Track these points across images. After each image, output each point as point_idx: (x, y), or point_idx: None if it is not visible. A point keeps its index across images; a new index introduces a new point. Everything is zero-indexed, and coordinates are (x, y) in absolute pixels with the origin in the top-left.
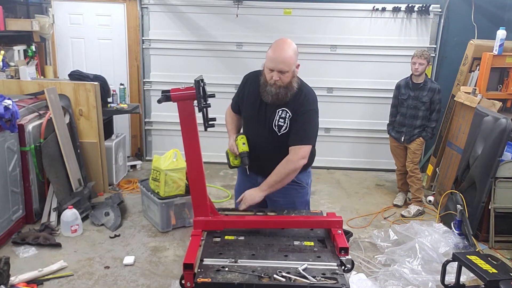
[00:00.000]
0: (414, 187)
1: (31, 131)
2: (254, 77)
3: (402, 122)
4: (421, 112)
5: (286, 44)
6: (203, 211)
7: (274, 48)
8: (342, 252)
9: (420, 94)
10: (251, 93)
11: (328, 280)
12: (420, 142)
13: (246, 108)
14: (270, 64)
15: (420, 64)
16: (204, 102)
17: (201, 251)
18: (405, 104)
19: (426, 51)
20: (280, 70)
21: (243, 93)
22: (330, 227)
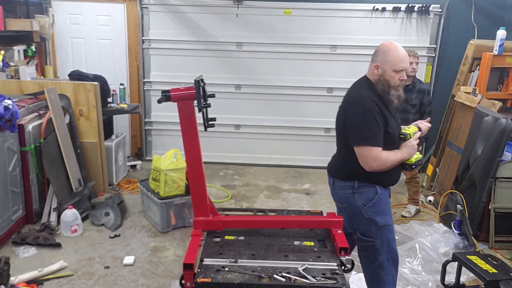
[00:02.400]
0: (413, 189)
1: (31, 131)
2: (371, 97)
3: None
4: (411, 115)
5: (399, 44)
6: (203, 211)
7: (396, 49)
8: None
9: (409, 96)
10: (386, 112)
11: (328, 280)
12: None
13: (392, 126)
14: (400, 64)
15: (416, 64)
16: (204, 102)
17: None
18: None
19: (415, 51)
20: (407, 68)
21: (384, 116)
22: (330, 227)
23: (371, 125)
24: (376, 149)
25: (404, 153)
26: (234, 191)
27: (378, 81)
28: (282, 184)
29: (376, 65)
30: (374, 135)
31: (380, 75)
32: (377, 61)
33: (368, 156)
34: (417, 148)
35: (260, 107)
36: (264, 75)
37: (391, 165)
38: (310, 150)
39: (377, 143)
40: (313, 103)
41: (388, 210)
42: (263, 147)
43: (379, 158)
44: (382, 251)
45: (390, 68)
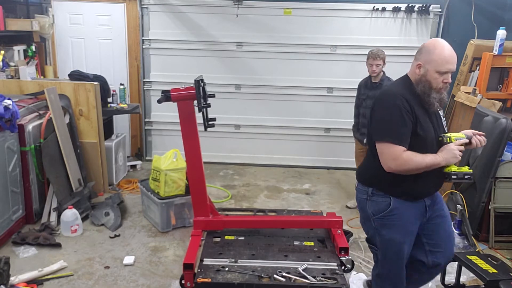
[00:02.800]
0: None
1: (31, 131)
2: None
3: (363, 123)
4: None
5: (446, 43)
6: (203, 211)
7: (442, 49)
8: (342, 252)
9: (375, 93)
10: (420, 112)
11: (328, 280)
12: None
13: (426, 129)
14: (446, 66)
15: (377, 66)
16: (204, 102)
17: (201, 251)
18: (363, 104)
19: (381, 51)
20: (453, 70)
21: (415, 116)
22: (330, 227)
23: (396, 122)
24: (397, 147)
25: (438, 158)
26: (234, 191)
27: (419, 81)
28: (282, 184)
29: (419, 64)
30: (397, 133)
31: (422, 75)
32: (420, 59)
33: (387, 154)
34: (458, 156)
35: (260, 107)
36: (264, 75)
37: (415, 168)
38: (310, 150)
39: (399, 141)
40: (313, 103)
41: (402, 227)
42: (263, 147)
43: (399, 158)
44: (381, 264)
45: (433, 68)
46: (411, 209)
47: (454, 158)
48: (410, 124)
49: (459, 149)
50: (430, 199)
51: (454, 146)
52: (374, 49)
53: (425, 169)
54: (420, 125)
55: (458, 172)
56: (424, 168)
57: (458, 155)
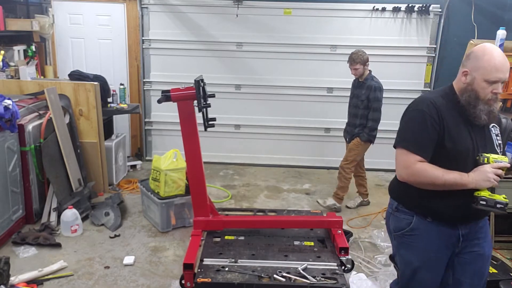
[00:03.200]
0: (339, 184)
1: (31, 131)
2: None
3: (348, 121)
4: (360, 111)
5: (498, 48)
6: (203, 211)
7: (491, 55)
8: (342, 252)
9: (360, 92)
10: (455, 123)
11: (328, 280)
12: (357, 142)
13: (457, 142)
14: (496, 74)
15: (355, 70)
16: (204, 102)
17: (201, 251)
18: (351, 103)
19: (359, 54)
20: (505, 79)
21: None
22: (330, 227)
23: (416, 128)
24: (412, 155)
25: (466, 178)
26: (234, 191)
27: (464, 91)
28: (282, 184)
29: (465, 71)
30: (413, 139)
31: (468, 83)
32: (466, 66)
33: (400, 160)
34: (492, 180)
35: (260, 107)
36: (264, 75)
37: (430, 182)
38: (310, 150)
39: (415, 149)
40: (313, 103)
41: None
42: (263, 147)
43: (410, 167)
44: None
45: (481, 77)
46: (436, 233)
47: (486, 181)
48: (434, 133)
49: (495, 172)
50: (467, 228)
51: (489, 169)
52: (353, 53)
53: (445, 187)
54: (449, 137)
55: (489, 198)
56: (442, 185)
57: (492, 179)
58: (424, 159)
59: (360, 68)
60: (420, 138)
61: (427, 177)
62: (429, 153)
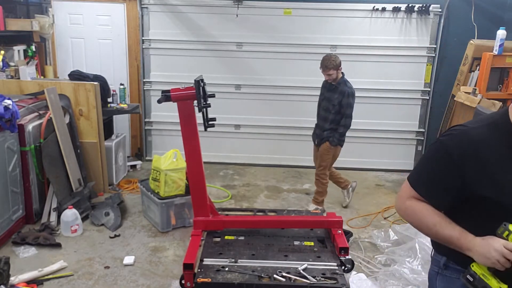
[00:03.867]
0: (317, 189)
1: (31, 131)
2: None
3: (317, 123)
4: (331, 115)
5: None
6: (203, 211)
7: None
8: (342, 252)
9: (332, 96)
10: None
11: (328, 280)
12: (327, 147)
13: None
14: None
15: (329, 75)
16: (204, 102)
17: (201, 251)
18: (321, 105)
19: (333, 59)
20: None
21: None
22: (330, 227)
23: (426, 163)
24: (410, 190)
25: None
26: (234, 191)
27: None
28: (282, 184)
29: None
30: (418, 174)
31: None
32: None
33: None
34: (495, 261)
35: (260, 107)
36: (264, 75)
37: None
38: (310, 150)
39: (414, 184)
40: (313, 103)
41: None
42: (263, 147)
43: (402, 200)
44: None
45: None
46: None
47: (485, 259)
48: (450, 177)
49: (505, 254)
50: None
51: (499, 246)
52: (325, 59)
53: (438, 240)
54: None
55: (479, 278)
56: (434, 237)
57: (494, 260)
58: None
59: (334, 73)
60: (426, 176)
61: (416, 220)
62: (436, 199)
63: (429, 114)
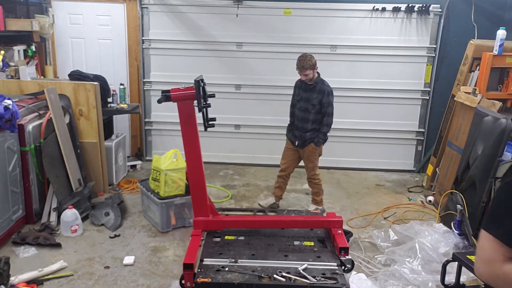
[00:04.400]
0: (313, 190)
1: (31, 131)
2: None
3: (296, 125)
4: (312, 116)
5: None
6: (203, 211)
7: None
8: (342, 252)
9: (310, 96)
10: None
11: (328, 280)
12: (313, 149)
13: None
14: None
15: (305, 75)
16: (204, 102)
17: (201, 251)
18: (297, 105)
19: (308, 59)
20: None
21: None
22: (330, 227)
23: (503, 204)
24: (502, 249)
25: None
26: (234, 191)
27: None
28: None
29: None
30: (496, 219)
31: None
32: None
33: (482, 251)
34: None
35: (260, 107)
36: (264, 75)
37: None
38: None
39: (497, 232)
40: None
41: None
42: (263, 147)
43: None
44: None
45: None
46: None
47: None
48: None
49: None
50: None
51: None
52: (301, 59)
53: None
54: None
55: None
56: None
57: None
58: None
59: (310, 72)
60: (504, 218)
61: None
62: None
63: (429, 114)
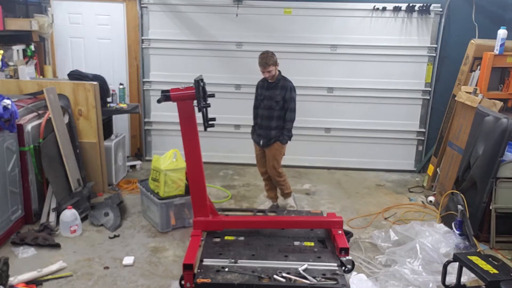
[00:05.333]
0: (280, 186)
1: (30, 131)
2: None
3: (260, 124)
4: (276, 112)
5: None
6: (203, 211)
7: None
8: (343, 253)
9: (274, 93)
10: None
11: (329, 281)
12: (278, 147)
13: None
14: None
15: (269, 72)
16: (204, 102)
17: (201, 252)
18: (261, 105)
19: (271, 56)
20: None
21: None
22: (331, 228)
23: None
24: None
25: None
26: (234, 191)
27: None
28: None
29: None
30: None
31: None
32: None
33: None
34: None
35: None
36: None
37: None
38: (310, 150)
39: None
40: (313, 103)
41: None
42: None
43: None
44: None
45: None
46: None
47: None
48: None
49: None
50: None
51: None
52: (263, 56)
53: None
54: None
55: None
56: None
57: None
58: None
59: (273, 69)
60: None
61: None
62: None
63: (429, 114)
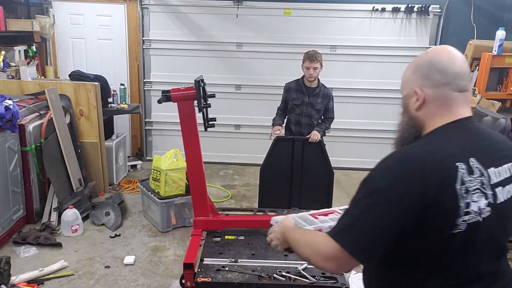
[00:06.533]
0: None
1: (31, 131)
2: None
3: (295, 131)
4: (315, 121)
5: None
6: (203, 211)
7: None
8: None
9: (315, 100)
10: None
11: (328, 280)
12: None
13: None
14: None
15: (315, 69)
16: (204, 102)
17: (201, 251)
18: (297, 110)
19: (318, 53)
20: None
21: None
22: None
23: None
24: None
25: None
26: (234, 191)
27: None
28: None
29: None
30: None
31: None
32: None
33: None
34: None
35: (260, 107)
36: (264, 75)
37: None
38: None
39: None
40: None
41: None
42: (263, 147)
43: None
44: None
45: None
46: None
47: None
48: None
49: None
50: None
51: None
52: (311, 51)
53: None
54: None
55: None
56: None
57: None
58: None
59: (319, 68)
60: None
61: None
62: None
63: None
